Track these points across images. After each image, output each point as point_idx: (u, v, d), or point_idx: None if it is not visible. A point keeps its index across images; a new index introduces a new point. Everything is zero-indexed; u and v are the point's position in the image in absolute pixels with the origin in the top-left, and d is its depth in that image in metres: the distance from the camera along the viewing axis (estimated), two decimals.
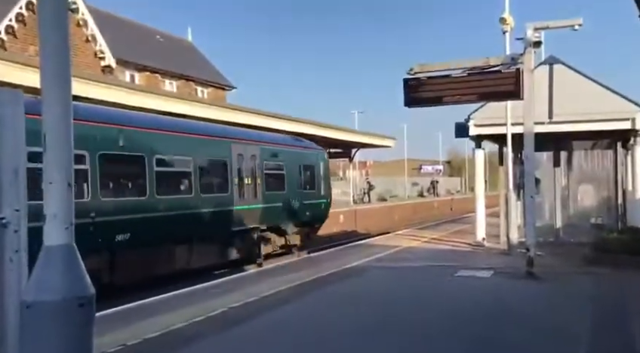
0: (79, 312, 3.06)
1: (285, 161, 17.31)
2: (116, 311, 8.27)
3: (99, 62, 20.40)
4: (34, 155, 3.62)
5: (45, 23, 3.10)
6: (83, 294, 3.08)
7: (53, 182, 3.02)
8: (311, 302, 8.73)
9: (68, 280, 3.05)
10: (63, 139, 3.05)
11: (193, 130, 14.14)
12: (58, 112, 3.06)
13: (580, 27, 10.60)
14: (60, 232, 3.03)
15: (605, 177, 17.58)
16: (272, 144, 17.19)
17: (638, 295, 8.68)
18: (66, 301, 3.01)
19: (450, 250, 14.69)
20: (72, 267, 3.09)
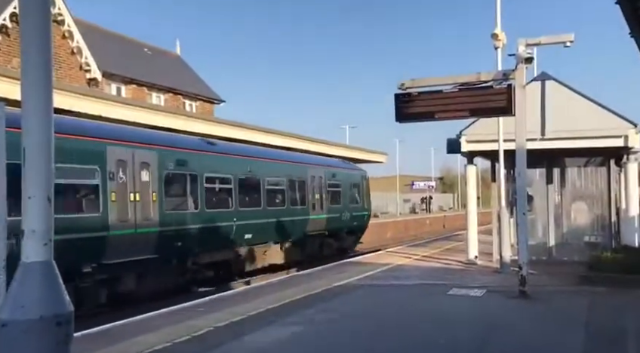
0: (56, 331, 2.99)
1: (341, 180, 21.97)
2: (98, 330, 8.05)
3: (84, 74, 20.20)
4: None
5: (28, 35, 3.04)
6: (61, 312, 3.02)
7: (32, 196, 2.97)
8: (298, 322, 8.48)
9: (45, 298, 2.99)
10: (43, 153, 3.00)
11: (287, 158, 19.34)
12: (38, 125, 3.00)
13: (571, 44, 10.56)
14: (38, 248, 2.98)
15: (599, 195, 17.50)
16: (332, 167, 22.12)
17: (632, 315, 8.49)
18: (43, 319, 2.94)
19: (442, 268, 14.49)
20: (50, 284, 3.03)
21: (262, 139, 20.79)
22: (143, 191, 12.16)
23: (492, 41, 13.22)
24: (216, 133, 17.85)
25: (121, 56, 25.34)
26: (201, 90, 29.67)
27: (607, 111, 13.71)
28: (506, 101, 10.24)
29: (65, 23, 19.49)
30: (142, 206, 12.06)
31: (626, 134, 13.32)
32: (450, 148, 15.40)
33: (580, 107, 13.71)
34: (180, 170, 13.42)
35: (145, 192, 12.23)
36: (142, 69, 25.77)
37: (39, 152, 2.94)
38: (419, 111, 10.99)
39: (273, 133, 22.92)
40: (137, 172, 12.18)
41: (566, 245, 16.72)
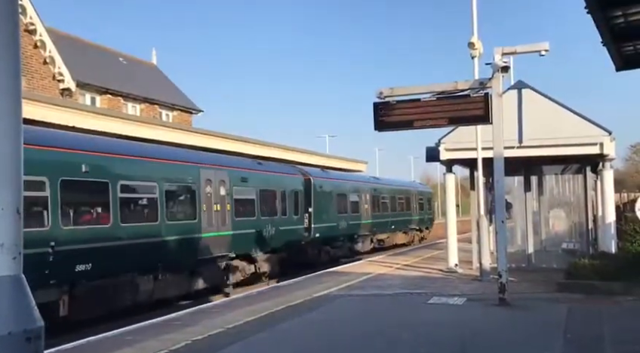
0: (26, 347, 2.83)
1: (412, 195, 33.52)
2: (73, 345, 7.86)
3: (57, 84, 19.82)
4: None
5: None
6: (30, 328, 2.85)
7: (0, 209, 2.80)
8: (277, 334, 8.37)
9: (15, 313, 2.83)
10: (12, 164, 2.85)
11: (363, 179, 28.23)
12: (6, 135, 2.84)
13: (546, 53, 10.71)
14: (6, 262, 2.82)
15: (576, 202, 17.73)
16: (405, 186, 34.15)
17: (609, 322, 8.54)
18: (12, 335, 2.78)
19: (422, 277, 14.48)
20: (19, 299, 2.86)
21: (240, 148, 20.66)
22: (221, 203, 14.97)
23: (469, 50, 13.33)
24: (195, 143, 17.68)
25: (96, 65, 24.99)
26: (178, 100, 29.37)
27: (583, 119, 13.89)
28: (483, 109, 10.30)
29: (37, 33, 19.16)
30: (221, 214, 14.86)
31: (602, 142, 13.50)
32: (429, 156, 15.46)
33: (557, 115, 13.87)
34: (243, 185, 16.24)
35: (223, 203, 15.03)
36: (117, 78, 25.41)
37: (8, 163, 2.79)
38: (397, 120, 11.01)
39: (252, 142, 22.81)
40: (217, 188, 14.79)
41: (544, 252, 16.87)
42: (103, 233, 11.06)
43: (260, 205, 16.96)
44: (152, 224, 12.44)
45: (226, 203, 15.14)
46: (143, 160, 12.64)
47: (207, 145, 18.27)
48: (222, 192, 14.94)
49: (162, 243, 12.57)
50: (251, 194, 16.66)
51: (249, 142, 22.63)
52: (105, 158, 11.51)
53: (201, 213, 14.00)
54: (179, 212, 13.70)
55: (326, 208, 21.58)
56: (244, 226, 15.86)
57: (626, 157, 57.54)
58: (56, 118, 12.36)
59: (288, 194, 18.87)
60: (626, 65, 10.44)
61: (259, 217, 16.82)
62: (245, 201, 16.37)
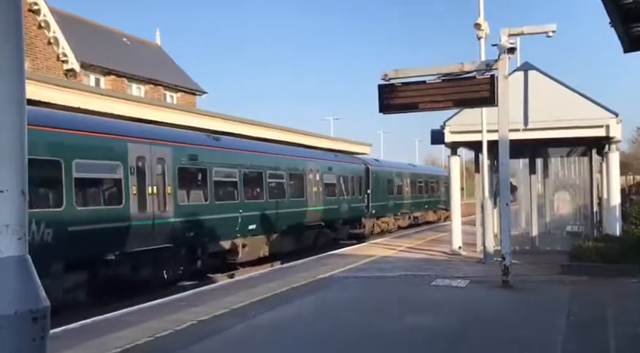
0: (32, 327, 2.89)
1: (440, 179, 37.03)
2: (79, 325, 7.94)
3: (62, 65, 19.71)
4: None
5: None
6: (37, 308, 2.91)
7: (5, 190, 2.84)
8: (282, 315, 8.43)
9: (20, 293, 2.89)
10: (16, 145, 2.87)
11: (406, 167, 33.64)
12: (11, 117, 2.87)
13: (553, 34, 10.58)
14: (12, 243, 2.87)
15: (581, 184, 17.65)
16: (434, 172, 38.85)
17: (612, 304, 8.56)
18: (18, 315, 2.84)
19: (425, 259, 14.52)
20: (25, 279, 2.93)
21: (244, 130, 20.58)
22: (317, 186, 20.91)
23: (475, 31, 13.19)
24: (199, 125, 17.64)
25: (100, 46, 24.85)
26: (182, 81, 29.24)
27: (589, 101, 13.78)
28: (489, 91, 10.23)
29: (41, 13, 19.02)
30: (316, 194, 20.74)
31: (608, 124, 13.40)
32: (434, 139, 15.41)
33: (563, 97, 13.76)
34: (329, 173, 22.00)
35: (318, 187, 21.07)
36: (121, 59, 25.28)
37: (12, 145, 2.83)
38: (402, 102, 10.96)
39: (256, 124, 22.73)
40: (315, 175, 20.77)
41: (549, 235, 16.85)
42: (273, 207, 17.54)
43: (339, 188, 22.51)
44: (299, 199, 19.42)
45: (320, 186, 20.91)
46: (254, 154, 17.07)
47: (212, 127, 18.22)
48: (317, 178, 20.74)
49: (286, 214, 18.19)
50: (334, 180, 22.23)
51: (254, 125, 22.57)
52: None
53: (307, 193, 19.86)
54: (296, 192, 19.25)
55: (378, 190, 26.89)
56: (329, 203, 21.61)
57: (632, 139, 57.21)
58: (60, 99, 12.34)
59: (356, 179, 24.37)
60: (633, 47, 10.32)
61: (338, 197, 22.57)
62: (330, 185, 21.93)
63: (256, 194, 16.97)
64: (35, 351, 2.96)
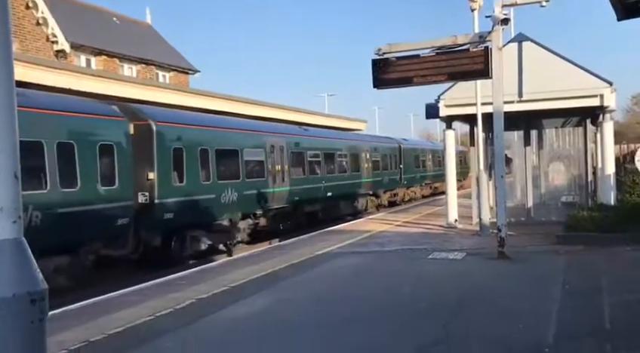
0: (31, 309, 2.92)
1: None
2: (79, 306, 8.00)
3: (51, 46, 19.47)
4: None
5: None
6: (34, 290, 2.94)
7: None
8: (281, 291, 8.51)
9: (18, 275, 2.91)
10: (7, 128, 2.88)
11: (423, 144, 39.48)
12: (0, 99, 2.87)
13: (547, 3, 10.48)
14: (7, 226, 2.90)
15: (576, 155, 17.72)
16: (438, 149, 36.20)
17: (606, 272, 8.67)
18: (16, 297, 2.87)
19: (422, 233, 14.62)
20: (22, 262, 2.95)
21: (238, 109, 20.54)
22: (367, 163, 26.10)
23: (469, 2, 13.06)
24: (192, 104, 17.56)
25: (90, 26, 24.52)
26: (174, 61, 28.96)
27: (583, 70, 13.74)
28: (483, 64, 10.19)
29: None
30: (367, 170, 26.16)
31: (602, 93, 13.39)
32: (429, 113, 15.38)
33: (557, 67, 13.71)
34: (374, 152, 27.21)
35: (368, 163, 26.25)
36: (112, 39, 24.96)
37: (3, 128, 2.83)
38: (396, 76, 10.90)
39: (250, 103, 22.65)
40: (366, 155, 26.09)
41: (544, 206, 16.97)
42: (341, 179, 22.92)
43: (382, 163, 27.78)
44: (357, 173, 24.77)
45: (369, 163, 26.09)
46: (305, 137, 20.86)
47: (207, 107, 18.14)
48: (367, 157, 25.94)
49: (349, 184, 23.49)
50: (378, 157, 27.46)
51: (249, 103, 22.49)
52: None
53: (362, 168, 25.09)
54: (355, 168, 24.54)
55: (408, 165, 31.93)
56: (375, 176, 26.66)
57: (627, 108, 57.18)
58: (51, 80, 12.22)
59: (392, 156, 29.55)
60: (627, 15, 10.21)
61: (381, 171, 27.68)
62: (376, 161, 26.99)
63: (330, 169, 22.27)
64: (34, 333, 2.99)
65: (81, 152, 10.68)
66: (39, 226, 9.54)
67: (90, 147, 10.99)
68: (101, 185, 11.24)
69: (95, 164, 11.06)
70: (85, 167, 10.80)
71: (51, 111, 10.37)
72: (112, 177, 11.50)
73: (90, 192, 10.93)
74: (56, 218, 10.03)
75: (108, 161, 11.40)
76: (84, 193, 10.76)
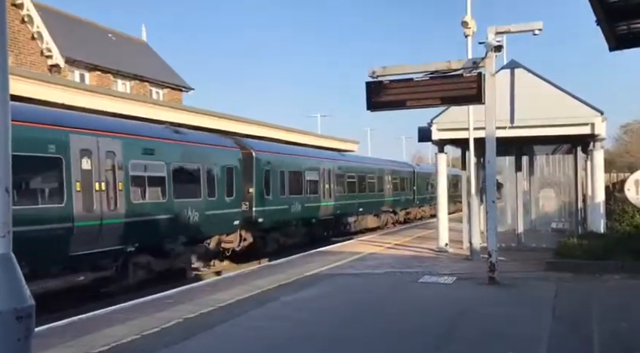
0: (17, 326, 2.90)
1: (459, 180, 35.56)
2: (64, 323, 7.88)
3: (46, 61, 19.47)
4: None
5: None
6: (21, 306, 2.92)
7: None
8: (269, 313, 8.42)
9: (5, 291, 2.89)
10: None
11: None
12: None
13: (540, 32, 10.62)
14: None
15: (566, 182, 17.85)
16: (451, 173, 33.25)
17: (596, 300, 8.66)
18: (2, 314, 2.85)
19: (413, 256, 14.58)
20: (9, 278, 2.92)
21: (231, 127, 20.57)
22: (389, 185, 31.02)
23: (462, 28, 13.23)
24: (185, 121, 17.56)
25: (85, 41, 24.59)
26: (168, 78, 29.05)
27: (575, 99, 13.89)
28: (476, 89, 10.26)
29: (24, 7, 18.76)
30: (389, 190, 30.64)
31: (593, 122, 13.52)
32: (421, 136, 15.45)
33: (549, 95, 13.86)
34: (394, 175, 31.87)
35: (389, 185, 31.01)
36: (106, 55, 25.03)
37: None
38: (390, 99, 10.96)
39: (243, 121, 22.69)
40: (387, 177, 30.60)
41: (534, 232, 17.03)
42: (370, 197, 27.63)
43: (399, 185, 32.11)
44: (379, 193, 29.10)
45: (390, 184, 30.62)
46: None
47: (199, 124, 18.15)
48: (389, 179, 30.42)
49: (376, 202, 28.20)
50: (397, 180, 31.98)
51: (242, 122, 22.54)
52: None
53: (385, 189, 29.65)
54: (378, 188, 28.85)
55: (420, 187, 35.86)
56: (395, 196, 31.25)
57: (616, 137, 57.81)
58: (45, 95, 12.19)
59: (408, 179, 33.84)
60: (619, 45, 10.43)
61: (399, 191, 32.09)
62: (395, 183, 31.47)
63: (362, 189, 26.48)
64: (19, 350, 2.93)
65: (217, 173, 14.95)
66: (195, 223, 13.86)
67: (221, 169, 15.16)
68: (226, 196, 15.33)
69: (223, 181, 15.18)
70: (219, 183, 14.96)
71: (202, 144, 14.74)
72: (231, 190, 15.60)
73: (221, 201, 15.07)
74: (204, 218, 14.23)
75: (229, 179, 15.50)
76: (218, 201, 14.91)
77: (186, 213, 13.46)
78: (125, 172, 11.56)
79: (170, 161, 13.00)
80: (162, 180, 12.78)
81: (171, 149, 13.19)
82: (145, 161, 12.30)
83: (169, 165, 12.92)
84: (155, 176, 12.58)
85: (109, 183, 11.17)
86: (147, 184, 12.35)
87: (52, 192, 10.11)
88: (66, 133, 10.34)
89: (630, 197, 10.73)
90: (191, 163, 13.89)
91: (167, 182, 12.83)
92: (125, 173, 11.57)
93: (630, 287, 9.88)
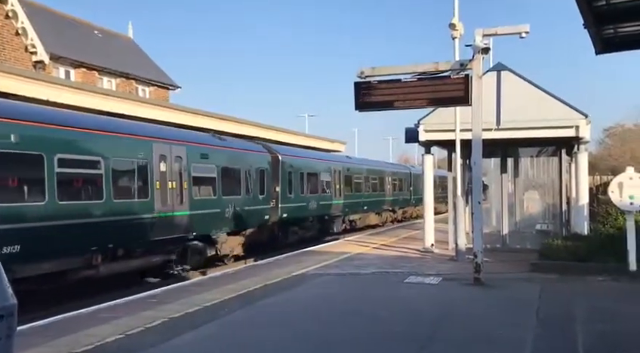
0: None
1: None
2: (48, 322, 7.78)
3: (30, 57, 19.22)
4: None
5: None
6: (3, 305, 2.85)
7: None
8: (256, 312, 8.39)
9: None
10: None
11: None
12: None
13: (527, 34, 10.68)
14: None
15: (550, 184, 17.99)
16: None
17: (580, 301, 8.75)
18: None
19: (399, 257, 14.62)
20: None
21: (218, 126, 20.46)
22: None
23: (450, 31, 13.29)
24: (172, 120, 17.43)
25: (70, 38, 24.31)
26: (155, 76, 28.80)
27: (560, 102, 14.02)
28: (463, 91, 10.32)
29: (8, 2, 18.49)
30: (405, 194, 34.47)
31: (577, 125, 13.65)
32: (408, 137, 15.50)
33: (534, 98, 13.97)
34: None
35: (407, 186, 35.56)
36: (92, 52, 24.74)
37: None
38: (378, 100, 10.98)
39: (230, 120, 22.60)
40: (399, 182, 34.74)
41: (519, 233, 17.14)
42: (373, 197, 29.85)
43: (398, 186, 34.58)
44: (381, 193, 31.25)
45: (390, 185, 33.14)
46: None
47: (186, 123, 18.04)
48: (389, 180, 32.96)
49: (378, 201, 30.50)
50: (397, 181, 34.63)
51: (230, 121, 22.45)
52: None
53: (386, 189, 32.08)
54: (381, 188, 31.31)
55: (416, 188, 35.24)
56: (394, 196, 33.82)
57: (599, 140, 58.43)
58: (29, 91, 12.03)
59: (405, 180, 36.15)
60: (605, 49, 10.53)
61: (398, 192, 34.74)
62: (394, 184, 34.10)
63: (366, 188, 29.01)
64: (1, 350, 2.88)
65: (253, 174, 17.44)
66: (236, 216, 16.31)
67: (256, 171, 17.71)
68: (259, 194, 17.88)
69: (257, 181, 17.70)
70: (254, 183, 17.45)
71: (241, 149, 17.44)
72: (263, 189, 18.16)
73: (255, 198, 17.63)
74: (243, 212, 16.71)
75: (261, 180, 18.03)
76: (253, 198, 17.45)
77: (230, 207, 15.90)
78: (188, 173, 13.98)
79: (219, 164, 15.56)
80: (213, 180, 15.30)
81: (220, 154, 15.76)
82: (202, 164, 14.74)
83: (218, 168, 15.45)
84: (208, 177, 15.09)
85: (177, 182, 13.55)
86: (203, 183, 14.82)
87: (142, 189, 12.45)
88: (150, 142, 12.82)
89: (614, 199, 10.82)
90: (234, 166, 16.46)
91: (217, 181, 15.37)
92: (188, 174, 13.98)
93: (613, 288, 10.00)
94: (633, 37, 10.39)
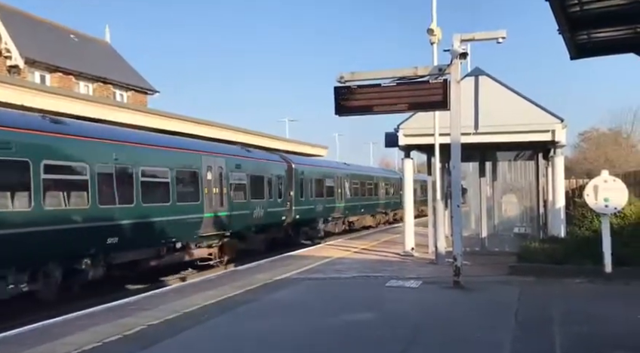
0: None
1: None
2: (25, 329, 7.66)
3: (4, 61, 18.93)
4: None
5: None
6: None
7: None
8: (236, 317, 8.33)
9: None
10: None
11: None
12: None
13: (503, 40, 10.82)
14: None
15: (528, 188, 18.22)
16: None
17: (558, 303, 8.86)
18: None
19: (379, 261, 14.66)
20: None
21: (197, 131, 20.35)
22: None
23: (428, 36, 13.41)
24: (150, 124, 17.28)
25: (46, 42, 23.96)
26: (132, 80, 28.53)
27: (536, 106, 14.21)
28: (442, 95, 10.42)
29: None
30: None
31: (554, 129, 13.85)
32: (388, 141, 15.57)
33: (511, 103, 14.14)
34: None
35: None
36: (68, 56, 24.42)
37: None
38: (358, 104, 11.04)
39: (209, 125, 22.49)
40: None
41: (497, 236, 17.32)
42: (369, 200, 32.83)
43: (390, 190, 36.74)
44: (375, 196, 33.76)
45: (383, 189, 35.32)
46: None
47: (165, 127, 17.90)
48: (384, 185, 35.41)
49: (373, 204, 33.34)
50: (388, 186, 36.72)
51: (209, 125, 22.33)
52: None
53: (379, 193, 34.41)
54: (375, 192, 33.81)
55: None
56: (386, 199, 36.29)
57: (575, 144, 59.39)
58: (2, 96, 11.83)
59: (395, 185, 36.66)
60: (579, 54, 10.72)
61: (390, 196, 36.90)
62: (387, 188, 36.26)
63: (363, 193, 31.50)
64: None
65: (273, 181, 20.20)
66: (261, 217, 19.00)
67: (275, 177, 20.49)
68: (278, 197, 20.56)
69: (277, 186, 20.42)
70: (274, 188, 20.21)
71: (264, 159, 20.32)
72: (280, 193, 20.84)
73: (275, 201, 20.26)
74: (266, 213, 19.39)
75: (279, 185, 20.71)
76: (274, 202, 20.15)
77: (256, 209, 18.60)
78: (227, 180, 16.70)
79: (249, 172, 18.37)
80: (244, 186, 18.05)
81: (249, 164, 18.59)
82: (236, 172, 17.51)
83: (248, 176, 18.23)
84: (241, 183, 17.83)
85: (219, 188, 16.22)
86: (237, 189, 17.48)
87: (194, 194, 15.11)
88: (200, 155, 15.72)
89: (589, 202, 10.98)
90: (259, 173, 19.21)
91: (247, 187, 18.13)
92: (227, 181, 16.69)
93: (590, 290, 10.14)
94: (606, 43, 10.61)
